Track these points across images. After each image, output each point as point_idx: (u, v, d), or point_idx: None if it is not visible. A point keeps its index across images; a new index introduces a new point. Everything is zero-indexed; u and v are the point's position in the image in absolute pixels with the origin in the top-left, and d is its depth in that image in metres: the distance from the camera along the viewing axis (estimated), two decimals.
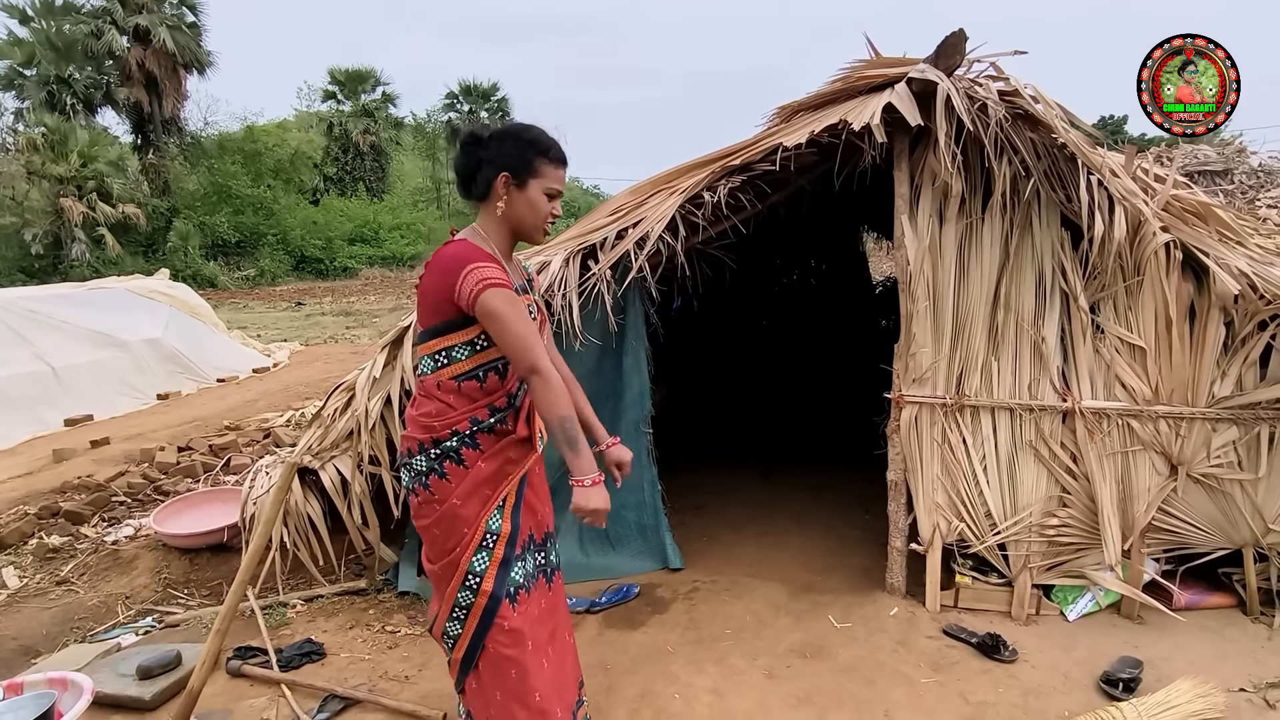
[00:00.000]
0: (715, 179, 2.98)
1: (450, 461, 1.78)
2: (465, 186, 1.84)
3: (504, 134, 1.80)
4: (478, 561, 1.80)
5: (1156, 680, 2.40)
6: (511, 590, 1.83)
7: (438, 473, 1.78)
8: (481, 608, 1.80)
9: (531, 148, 1.79)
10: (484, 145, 1.79)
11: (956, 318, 2.84)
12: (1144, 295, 2.65)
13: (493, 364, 1.79)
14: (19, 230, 19.00)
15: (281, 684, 2.59)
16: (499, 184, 1.77)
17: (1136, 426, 2.70)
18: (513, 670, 1.82)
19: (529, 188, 1.79)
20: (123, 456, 5.27)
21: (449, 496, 1.78)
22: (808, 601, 3.05)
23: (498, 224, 1.82)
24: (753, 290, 7.43)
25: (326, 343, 11.68)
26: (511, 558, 1.83)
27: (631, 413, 3.30)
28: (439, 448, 1.78)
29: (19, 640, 3.02)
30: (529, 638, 1.84)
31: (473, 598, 1.81)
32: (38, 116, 20.28)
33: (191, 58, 23.04)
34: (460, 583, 1.80)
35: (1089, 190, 2.54)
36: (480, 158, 1.78)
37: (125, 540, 3.84)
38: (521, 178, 1.78)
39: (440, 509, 1.79)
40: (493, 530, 1.80)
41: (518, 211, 1.80)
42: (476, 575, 1.80)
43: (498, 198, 1.78)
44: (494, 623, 1.81)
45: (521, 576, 1.85)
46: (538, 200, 1.80)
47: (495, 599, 1.80)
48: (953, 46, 2.53)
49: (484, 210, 1.82)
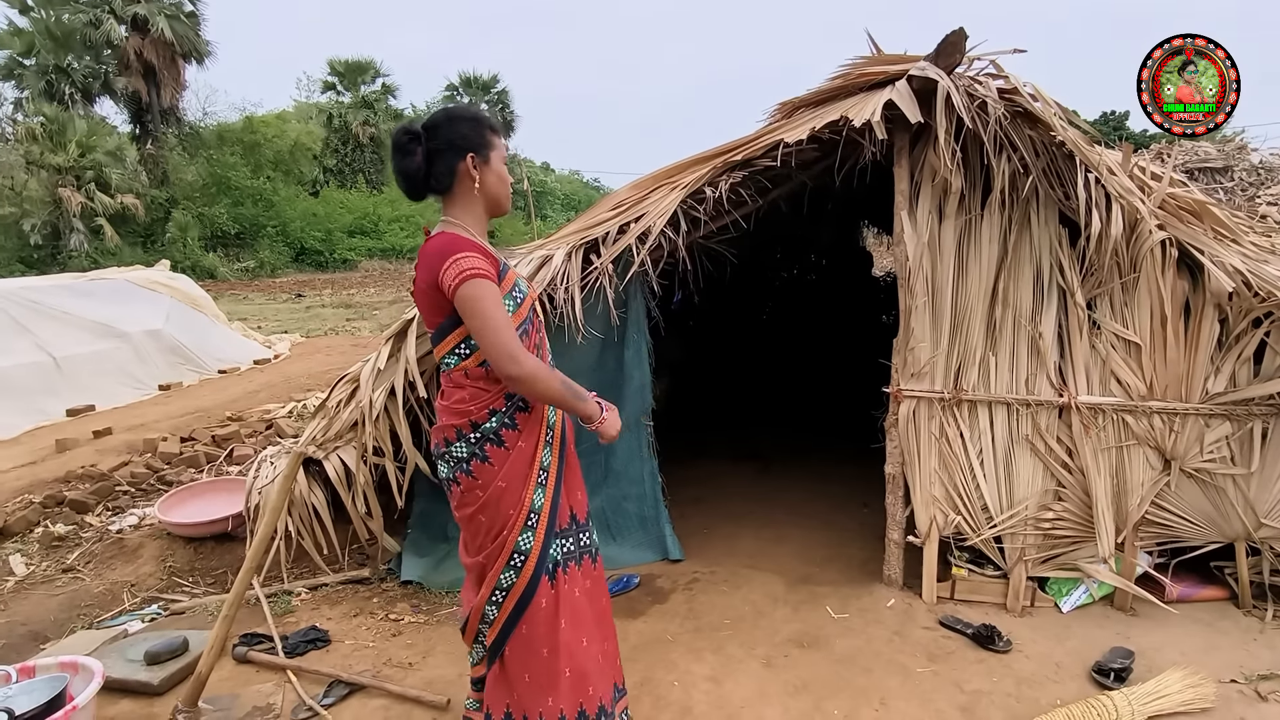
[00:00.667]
0: (717, 174, 3.00)
1: (491, 444, 1.78)
2: (422, 184, 1.79)
3: (448, 118, 1.80)
4: (523, 540, 1.80)
5: (1148, 670, 2.44)
6: (551, 568, 1.83)
7: (479, 457, 1.78)
8: (522, 587, 1.81)
9: (481, 123, 1.82)
10: (430, 136, 1.76)
11: (955, 313, 2.87)
12: (1140, 292, 2.68)
13: None
14: (18, 220, 18.99)
15: (287, 670, 2.63)
16: (467, 166, 1.77)
17: (1131, 422, 2.74)
18: (544, 649, 1.82)
19: (492, 161, 1.81)
20: (125, 446, 5.30)
21: (493, 480, 1.78)
22: (805, 593, 3.09)
23: (472, 207, 1.81)
24: (753, 285, 7.45)
25: (327, 335, 11.70)
26: (553, 535, 1.84)
27: (632, 406, 3.33)
28: (478, 431, 1.78)
29: (28, 626, 3.05)
30: (563, 616, 1.83)
31: (515, 577, 1.80)
32: (36, 106, 20.24)
33: (190, 47, 22.97)
34: (505, 562, 1.80)
35: (1087, 188, 2.57)
36: (430, 149, 1.76)
37: (130, 529, 3.88)
38: (484, 154, 1.79)
39: (485, 494, 1.79)
40: (536, 508, 1.81)
41: (490, 185, 1.82)
42: (521, 554, 1.80)
43: (470, 180, 1.78)
44: (532, 601, 1.81)
45: (561, 555, 1.86)
46: (502, 171, 1.84)
47: (536, 577, 1.81)
48: (953, 45, 2.55)
49: (451, 200, 1.81)
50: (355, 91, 29.57)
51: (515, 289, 1.83)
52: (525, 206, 29.09)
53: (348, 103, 29.58)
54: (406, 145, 1.76)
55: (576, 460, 2.02)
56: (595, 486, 3.45)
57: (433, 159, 1.76)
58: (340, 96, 29.77)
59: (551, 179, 40.60)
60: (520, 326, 1.80)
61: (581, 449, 3.37)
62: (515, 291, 1.82)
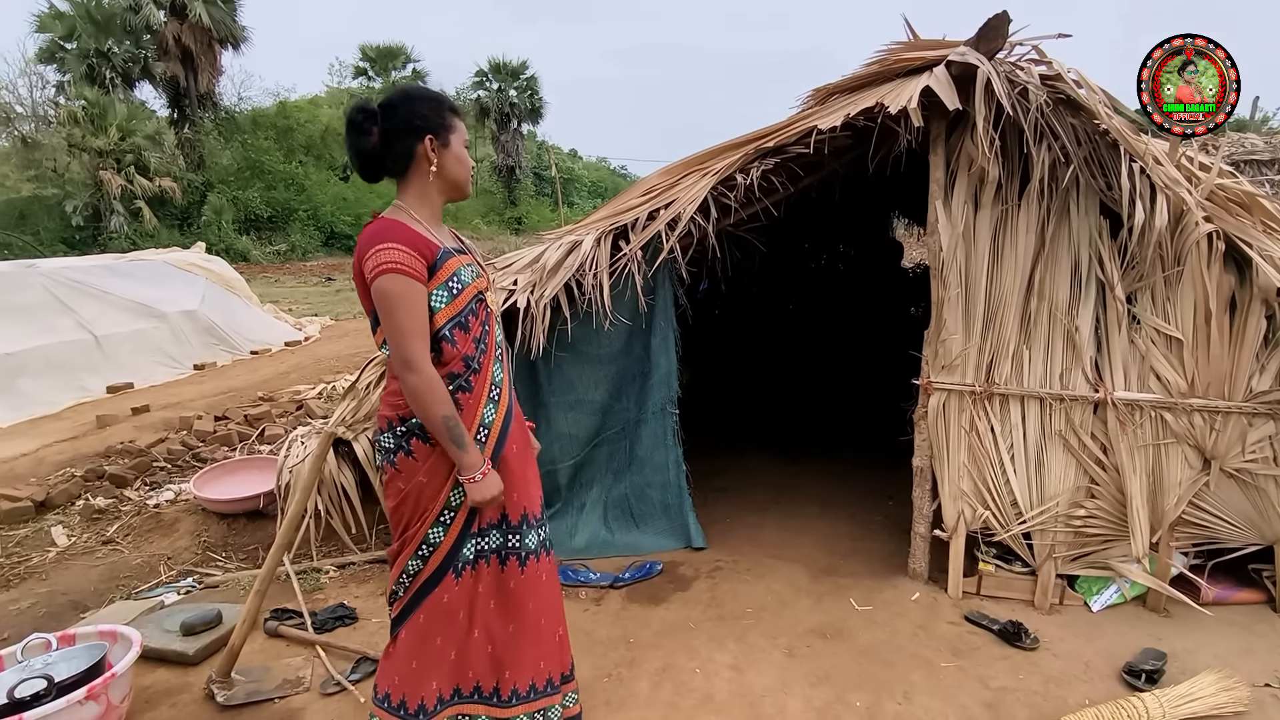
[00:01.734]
0: (749, 161, 2.97)
1: (417, 439, 1.76)
2: (376, 165, 1.74)
3: (405, 97, 1.75)
4: (434, 534, 1.80)
5: (1180, 673, 2.39)
6: (459, 566, 1.83)
7: (404, 450, 1.77)
8: (424, 578, 1.81)
9: (441, 104, 1.77)
10: (387, 116, 1.71)
11: (989, 305, 2.81)
12: (1183, 286, 2.60)
13: (438, 334, 1.72)
14: (60, 202, 19.45)
15: (316, 645, 2.69)
16: (425, 148, 1.72)
17: (1170, 419, 2.67)
18: (438, 639, 1.84)
19: (451, 144, 1.77)
20: (162, 424, 5.44)
21: (415, 474, 1.77)
22: (829, 584, 3.08)
23: (425, 191, 1.76)
24: (780, 274, 7.38)
25: (356, 318, 11.85)
26: (468, 534, 1.82)
27: (658, 393, 3.33)
28: (405, 425, 1.76)
29: (69, 595, 3.16)
30: (461, 609, 1.84)
31: (420, 566, 1.81)
32: (78, 90, 20.66)
33: (226, 32, 23.25)
34: (413, 551, 1.80)
35: (1130, 178, 2.49)
36: (386, 129, 1.70)
37: (166, 504, 3.98)
38: (443, 136, 1.75)
39: (406, 487, 1.78)
40: (453, 505, 1.80)
41: (449, 169, 1.77)
42: (430, 545, 1.80)
43: (427, 162, 1.73)
44: (432, 594, 1.81)
45: (472, 554, 1.84)
46: (462, 154, 1.79)
47: (442, 571, 1.81)
48: (995, 29, 2.49)
49: (404, 184, 1.77)
50: (386, 77, 29.75)
51: (453, 278, 1.74)
52: (553, 193, 29.13)
53: (379, 88, 29.77)
54: (362, 124, 1.70)
55: (526, 461, 1.96)
56: (619, 473, 3.47)
57: (389, 139, 1.71)
58: (371, 82, 29.98)
59: (579, 166, 40.58)
60: (455, 318, 1.73)
61: (607, 436, 3.42)
62: (452, 281, 1.74)
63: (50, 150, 19.55)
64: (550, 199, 33.26)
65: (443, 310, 1.73)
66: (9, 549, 3.55)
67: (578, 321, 3.18)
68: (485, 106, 31.20)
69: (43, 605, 3.08)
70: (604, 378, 3.34)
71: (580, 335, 3.23)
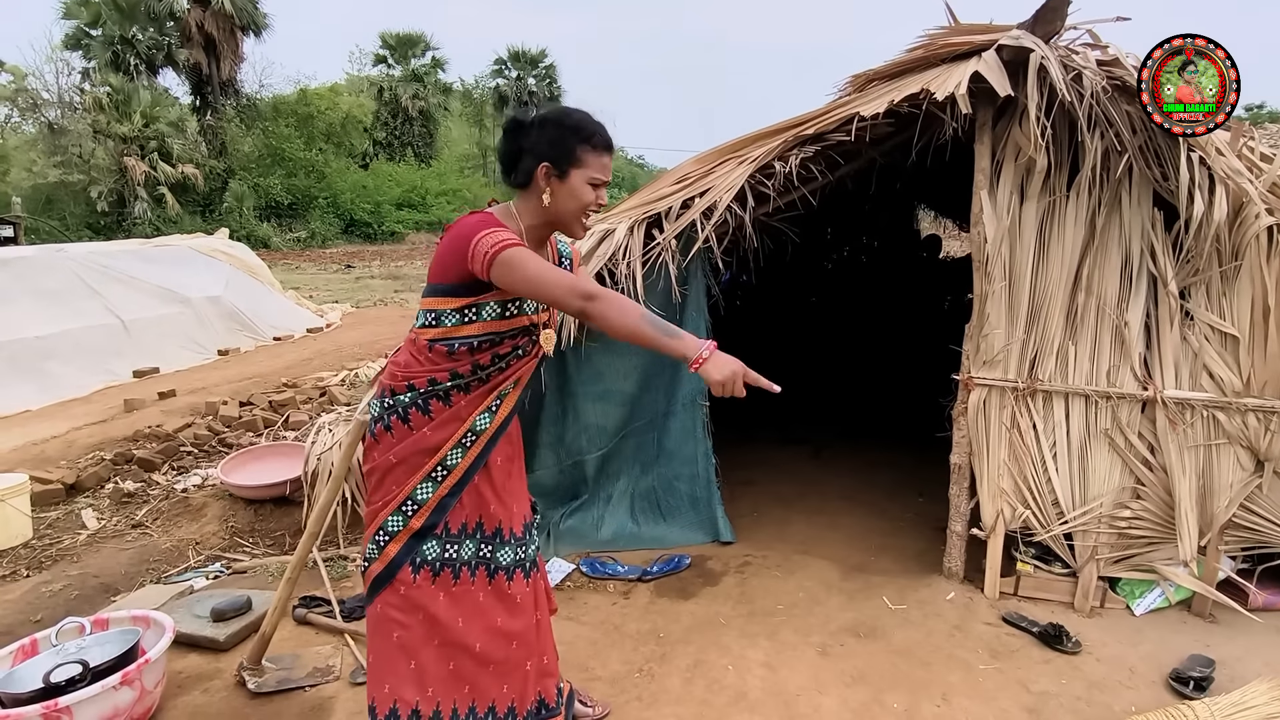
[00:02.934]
0: (787, 148, 2.90)
1: (397, 418, 1.75)
2: (507, 173, 1.77)
3: (545, 120, 1.71)
4: (391, 522, 1.76)
5: (1229, 680, 2.32)
6: (417, 561, 1.76)
7: (384, 424, 1.76)
8: (380, 569, 1.77)
9: (574, 135, 1.70)
10: (525, 132, 1.71)
11: (1033, 299, 2.73)
12: (1241, 281, 2.51)
13: (468, 340, 1.71)
14: (85, 188, 19.69)
15: (345, 634, 2.68)
16: (540, 175, 1.70)
17: (1223, 419, 2.58)
18: (396, 633, 1.77)
19: (571, 177, 1.70)
20: (188, 408, 5.47)
21: (388, 451, 1.76)
22: (860, 581, 3.03)
23: (536, 212, 1.75)
24: (805, 265, 7.29)
25: (376, 305, 11.90)
26: (429, 532, 1.77)
27: (688, 385, 3.28)
28: (394, 399, 1.75)
29: (100, 578, 3.17)
30: (424, 614, 1.77)
31: (376, 553, 1.78)
32: (103, 76, 20.87)
33: (248, 20, 23.36)
34: (372, 535, 1.78)
35: (1189, 168, 2.40)
36: (521, 145, 1.71)
37: (194, 489, 4.00)
38: (563, 168, 1.69)
39: (378, 460, 1.77)
40: (417, 499, 1.76)
41: (559, 203, 1.72)
42: (387, 534, 1.76)
43: (539, 189, 1.71)
44: (389, 585, 1.77)
45: (435, 555, 1.77)
46: (580, 190, 1.71)
47: (396, 563, 1.76)
48: (1053, 11, 2.40)
49: (524, 197, 1.76)
50: (406, 65, 29.80)
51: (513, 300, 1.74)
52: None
53: (398, 76, 29.83)
54: (511, 132, 1.75)
55: (509, 475, 1.89)
56: (647, 465, 3.42)
57: (521, 154, 1.72)
58: (391, 70, 30.04)
59: None
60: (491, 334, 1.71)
61: (635, 427, 3.38)
62: (511, 304, 1.74)
63: (76, 136, 19.77)
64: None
65: (485, 323, 1.69)
66: (41, 531, 3.58)
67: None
68: (504, 95, 31.20)
69: (74, 587, 3.09)
70: (633, 369, 3.30)
71: None
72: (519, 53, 31.27)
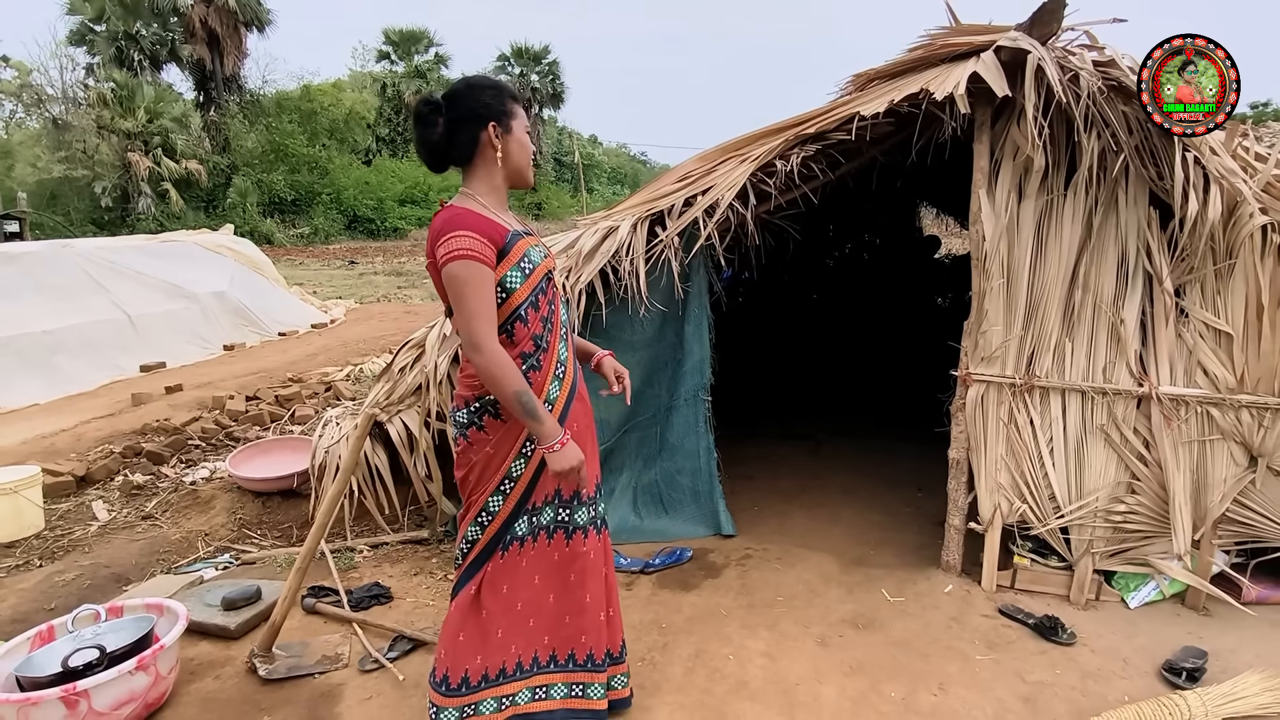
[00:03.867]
0: (789, 147, 2.94)
1: (489, 415, 1.84)
2: (443, 155, 1.79)
3: (469, 87, 1.79)
4: (493, 501, 1.88)
5: (1221, 672, 2.36)
6: (508, 540, 1.90)
7: (476, 425, 1.85)
8: (482, 546, 1.90)
9: (502, 91, 1.80)
10: (451, 106, 1.76)
11: (1031, 296, 2.77)
12: (1235, 279, 2.55)
13: (515, 314, 1.79)
14: (90, 183, 19.76)
15: (353, 623, 2.73)
16: (489, 135, 1.76)
17: (1217, 415, 2.62)
18: (484, 611, 1.91)
19: (514, 130, 1.80)
20: (195, 403, 5.53)
21: (484, 446, 1.86)
22: (860, 574, 3.07)
23: (492, 178, 1.81)
24: (808, 262, 7.33)
25: (380, 301, 11.95)
26: (523, 508, 1.89)
27: (691, 380, 3.33)
28: (479, 402, 1.83)
29: (111, 568, 3.23)
30: (505, 583, 1.91)
31: (479, 533, 1.89)
32: (107, 72, 20.95)
33: (252, 15, 23.41)
34: (473, 518, 1.89)
35: (1184, 167, 2.44)
36: (451, 119, 1.75)
37: (202, 481, 4.05)
38: (505, 123, 1.78)
39: (475, 458, 1.87)
40: (513, 475, 1.87)
41: (514, 155, 1.81)
42: (489, 514, 1.88)
43: (492, 149, 1.77)
44: (489, 562, 1.90)
45: (528, 528, 1.91)
46: (524, 139, 1.83)
47: (497, 539, 1.89)
48: (1050, 13, 2.43)
49: (472, 171, 1.81)
50: (409, 61, 29.83)
51: (524, 259, 1.79)
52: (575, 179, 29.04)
53: (401, 72, 29.86)
54: (428, 116, 1.75)
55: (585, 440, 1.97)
56: (650, 460, 3.47)
57: (454, 129, 1.76)
58: (394, 66, 30.08)
59: (599, 152, 40.44)
60: (529, 298, 1.79)
61: (638, 422, 3.42)
62: (524, 262, 1.79)
63: (80, 132, 19.83)
64: (570, 185, 33.16)
65: (519, 290, 1.78)
66: (53, 522, 3.64)
67: (612, 308, 3.18)
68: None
69: (86, 577, 3.15)
70: (636, 364, 3.34)
71: (614, 321, 3.22)
72: (522, 49, 31.27)
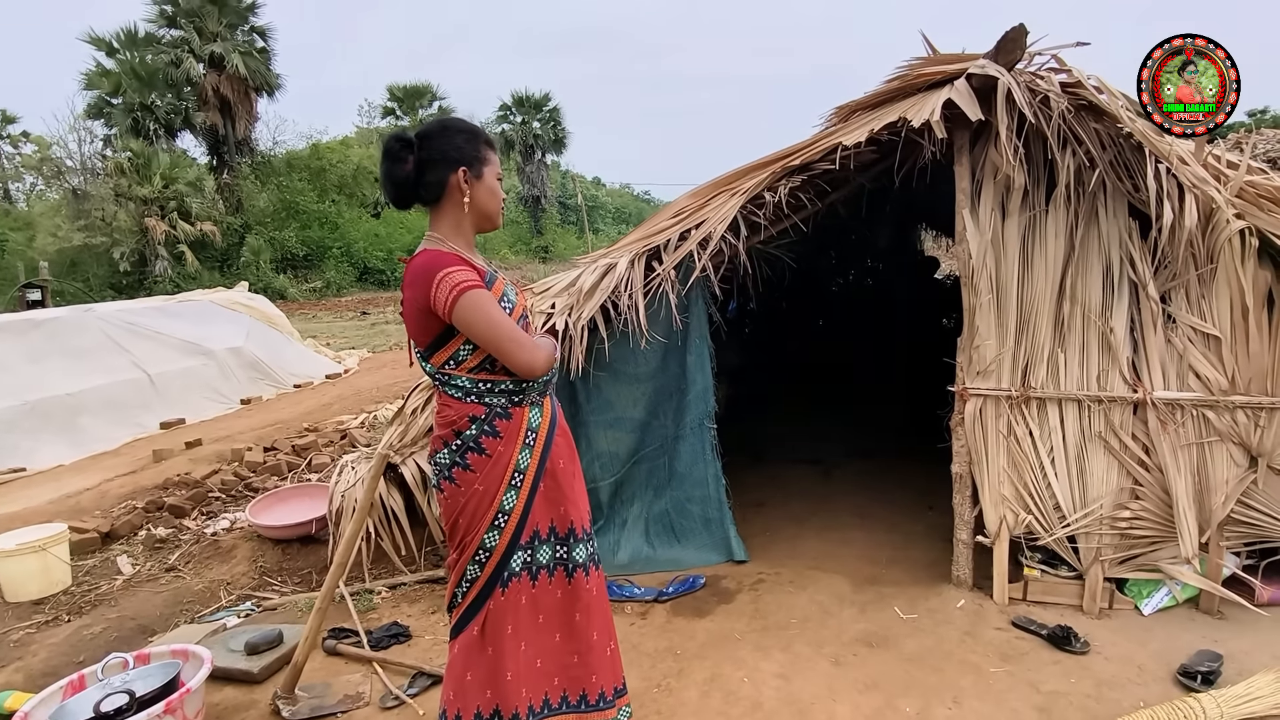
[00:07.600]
0: (776, 179, 3.06)
1: (472, 452, 1.80)
2: (410, 193, 1.78)
3: (443, 129, 1.79)
4: (489, 538, 1.83)
5: (1237, 675, 2.36)
6: (505, 576, 1.86)
7: (461, 465, 1.81)
8: (482, 583, 1.84)
9: (476, 137, 1.81)
10: (423, 146, 1.75)
11: (1021, 310, 2.84)
12: (1218, 283, 2.61)
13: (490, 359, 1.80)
14: (108, 249, 20.30)
15: (373, 662, 2.78)
16: (458, 179, 1.76)
17: (1212, 417, 2.66)
18: (490, 649, 1.86)
19: (485, 176, 1.80)
20: (214, 456, 5.64)
21: (473, 484, 1.81)
22: (872, 593, 3.09)
23: (459, 221, 1.80)
24: (809, 290, 7.43)
25: (392, 349, 12.13)
26: (517, 541, 1.85)
27: (695, 409, 3.39)
28: (460, 439, 1.81)
29: (136, 620, 3.30)
30: (509, 622, 1.87)
31: (479, 572, 1.84)
32: (124, 142, 21.65)
33: (261, 81, 24.21)
34: (470, 556, 1.84)
35: (1157, 179, 2.52)
36: (422, 159, 1.75)
37: (223, 532, 4.13)
38: (477, 169, 1.79)
39: (465, 500, 1.82)
40: (506, 509, 1.83)
41: (481, 201, 1.81)
42: (486, 550, 1.84)
43: (459, 193, 1.77)
44: (490, 599, 1.85)
45: (521, 564, 1.88)
46: (495, 186, 1.83)
47: (496, 576, 1.85)
48: (1013, 41, 2.55)
49: (438, 213, 1.80)
50: (414, 115, 30.63)
51: (504, 297, 1.81)
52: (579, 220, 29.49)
53: (407, 126, 30.64)
54: (398, 153, 1.74)
55: (574, 475, 2.00)
56: (660, 489, 3.52)
57: (424, 169, 1.75)
58: (399, 120, 30.88)
59: (603, 193, 41.13)
60: None
61: (646, 453, 3.49)
62: (504, 301, 1.81)
63: (99, 200, 20.45)
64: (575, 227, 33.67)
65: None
66: (80, 578, 3.72)
67: (614, 341, 3.28)
68: (510, 139, 31.88)
69: (113, 630, 3.22)
70: (641, 395, 3.42)
71: (617, 355, 3.31)
72: (523, 98, 32.07)
